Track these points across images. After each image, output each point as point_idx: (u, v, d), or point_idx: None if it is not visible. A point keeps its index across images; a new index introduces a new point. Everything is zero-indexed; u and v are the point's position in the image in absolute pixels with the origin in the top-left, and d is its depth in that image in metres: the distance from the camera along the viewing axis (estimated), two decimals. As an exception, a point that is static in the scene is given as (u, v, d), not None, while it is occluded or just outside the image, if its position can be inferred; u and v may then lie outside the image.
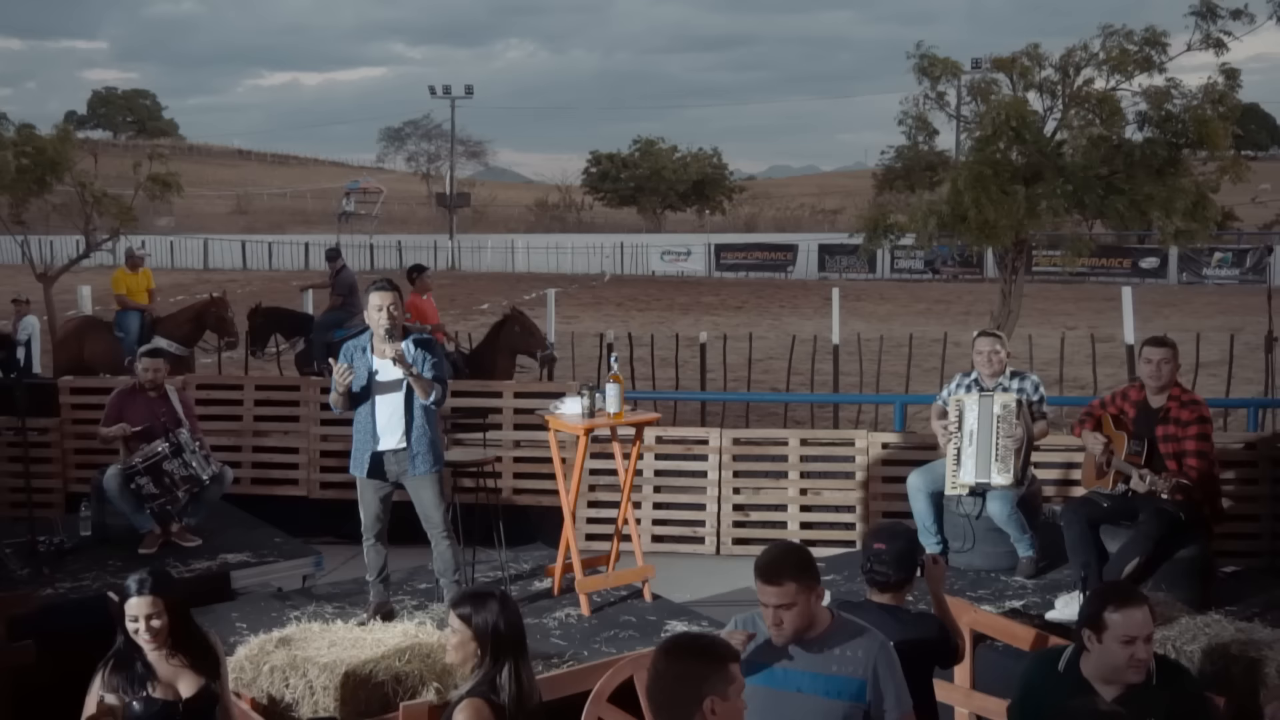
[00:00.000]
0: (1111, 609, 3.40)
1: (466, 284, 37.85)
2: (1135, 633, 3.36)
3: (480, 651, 3.53)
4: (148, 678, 3.74)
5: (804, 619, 3.42)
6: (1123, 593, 3.50)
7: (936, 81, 11.70)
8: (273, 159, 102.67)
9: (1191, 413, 5.64)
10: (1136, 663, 3.37)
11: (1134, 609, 3.38)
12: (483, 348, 11.83)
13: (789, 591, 3.38)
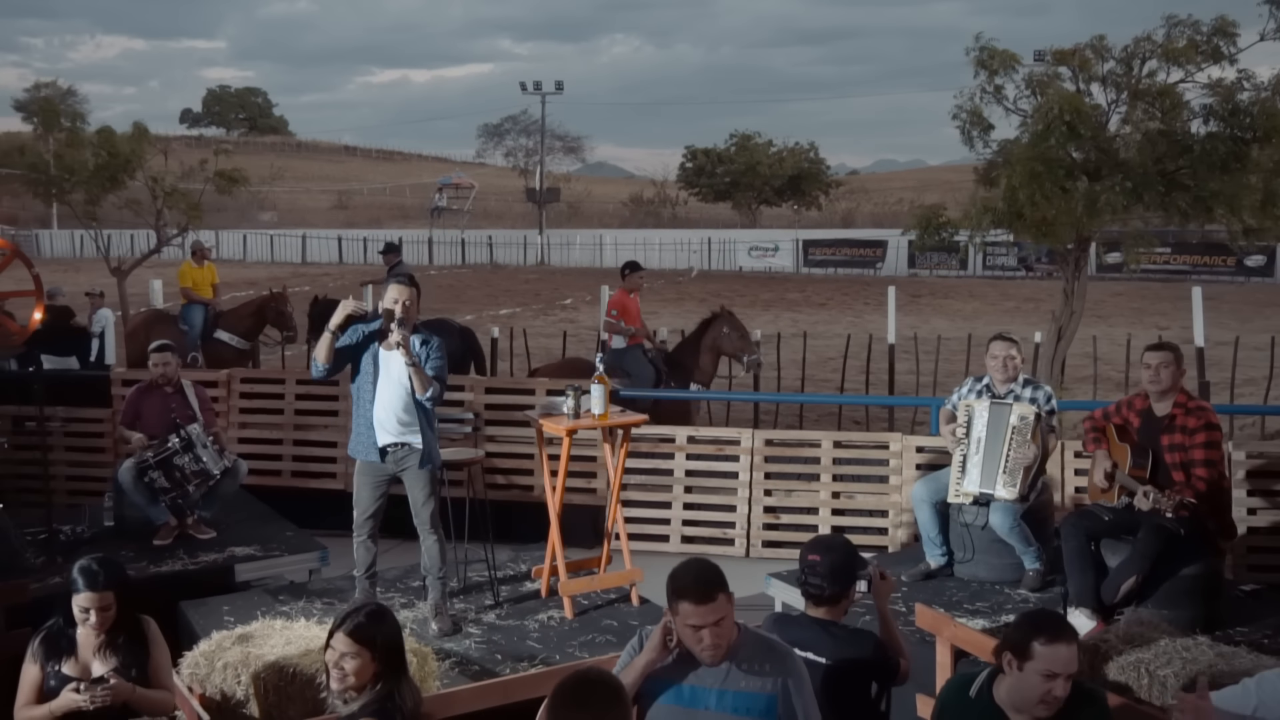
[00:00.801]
0: (1041, 641, 3.23)
1: (554, 279, 38.09)
2: (1058, 669, 3.21)
3: (379, 670, 3.51)
4: (68, 654, 3.86)
5: (729, 634, 3.31)
6: (1054, 626, 3.32)
7: (994, 75, 11.34)
8: (377, 155, 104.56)
9: (1198, 420, 5.37)
10: (1051, 699, 3.22)
11: (1062, 645, 3.23)
12: (686, 346, 11.25)
13: (721, 606, 3.28)
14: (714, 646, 3.30)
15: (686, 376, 10.76)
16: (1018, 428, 5.88)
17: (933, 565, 6.26)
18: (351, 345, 5.70)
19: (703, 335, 11.00)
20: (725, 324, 10.88)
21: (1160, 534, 5.22)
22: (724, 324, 10.88)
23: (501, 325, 23.32)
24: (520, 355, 14.84)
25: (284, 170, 74.76)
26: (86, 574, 3.95)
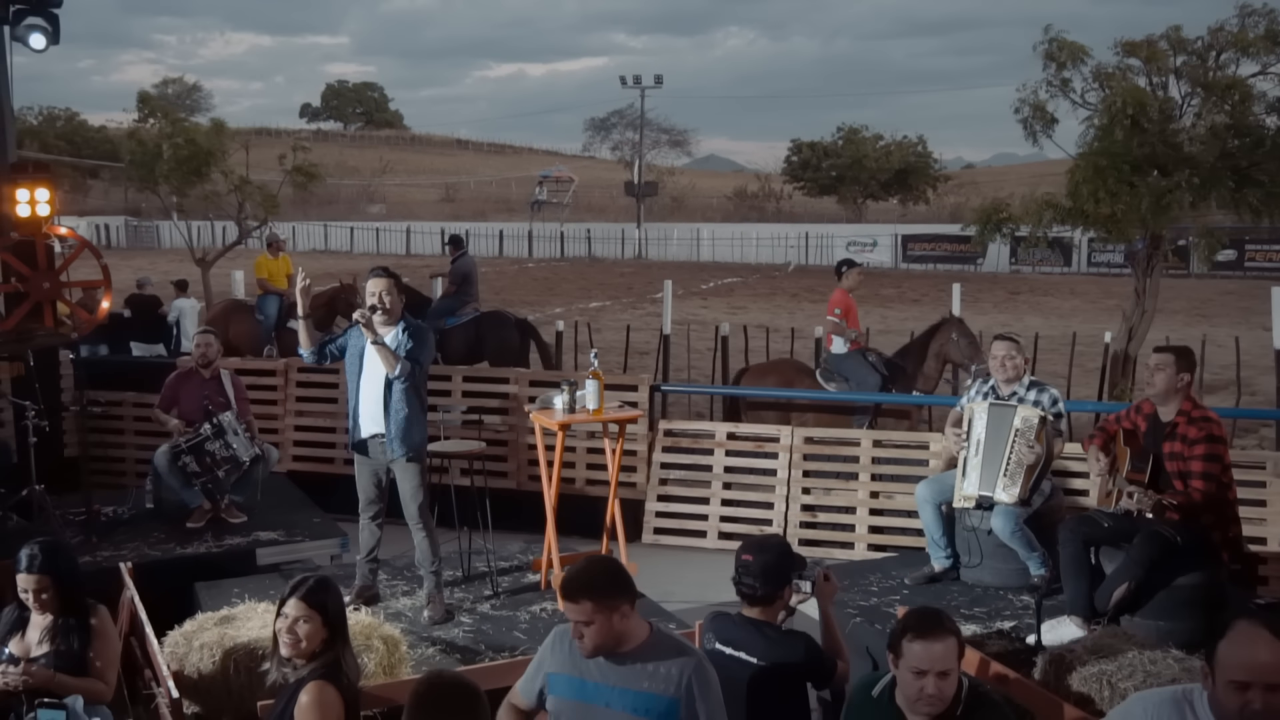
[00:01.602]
0: (910, 637, 3.20)
1: (649, 272, 38.18)
2: (925, 666, 3.15)
3: (329, 636, 3.62)
4: (15, 633, 4.03)
5: (603, 636, 3.32)
6: (925, 622, 3.26)
7: (1062, 67, 11.06)
8: (489, 148, 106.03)
9: (1200, 430, 5.18)
10: (925, 697, 3.16)
11: (930, 641, 3.16)
12: (910, 352, 10.66)
13: (585, 610, 3.31)
14: (578, 639, 3.35)
15: (909, 384, 10.11)
16: (1021, 430, 5.75)
17: (937, 568, 6.16)
18: (345, 344, 5.87)
19: (929, 341, 10.40)
20: (954, 330, 10.26)
21: (1155, 541, 5.06)
22: (952, 330, 10.26)
23: (590, 318, 23.57)
24: (584, 348, 14.90)
25: (394, 164, 76.38)
26: (26, 556, 4.12)
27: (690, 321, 21.18)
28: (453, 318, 13.23)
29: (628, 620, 3.36)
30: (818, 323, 21.54)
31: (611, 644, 3.34)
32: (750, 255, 42.89)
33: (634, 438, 9.40)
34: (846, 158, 60.30)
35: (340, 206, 61.47)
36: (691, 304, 28.65)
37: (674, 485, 9.33)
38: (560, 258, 45.46)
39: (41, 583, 4.08)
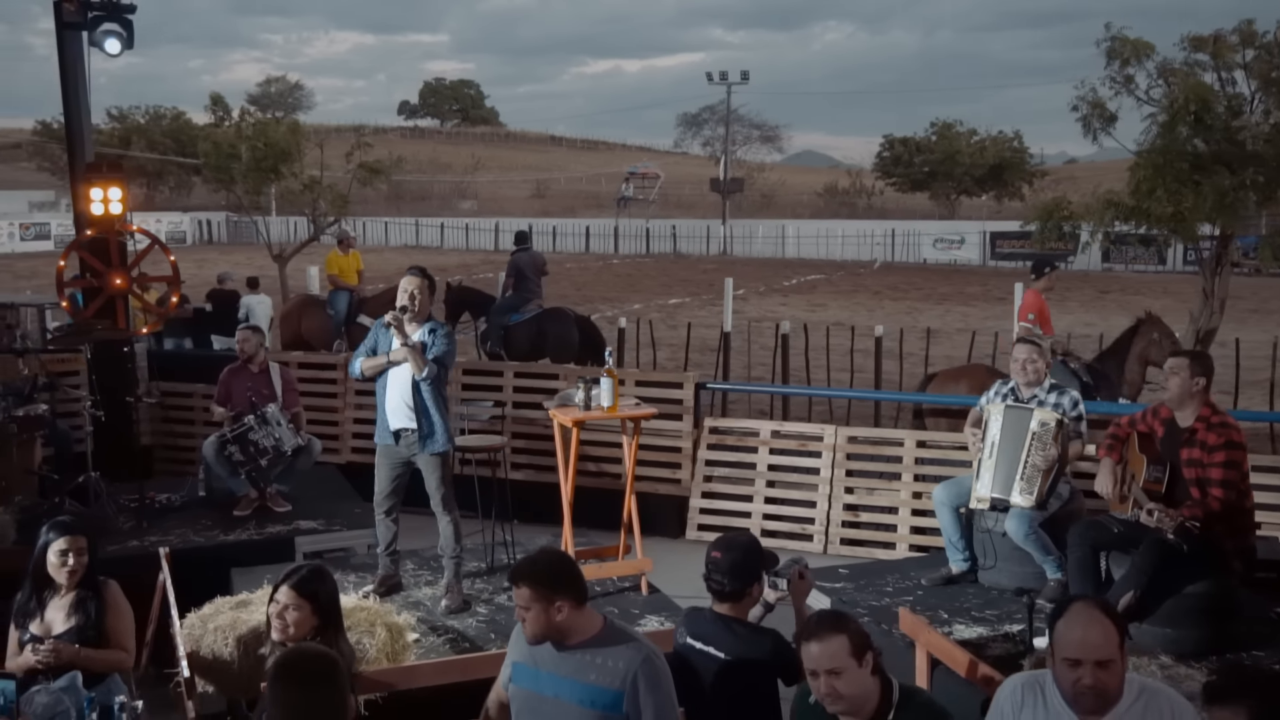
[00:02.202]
0: (806, 638, 3.26)
1: (732, 269, 38.12)
2: (813, 665, 3.21)
3: (319, 624, 3.79)
4: (34, 616, 4.26)
5: (540, 625, 3.40)
6: (819, 623, 3.31)
7: (1125, 64, 10.86)
8: (582, 144, 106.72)
9: (1219, 437, 5.10)
10: (824, 696, 3.21)
11: (816, 642, 3.21)
12: (1110, 356, 10.08)
13: (524, 596, 3.40)
14: (521, 622, 3.46)
15: (1113, 391, 9.60)
16: (1038, 434, 5.71)
17: (954, 570, 6.15)
18: (375, 346, 6.07)
19: (1130, 344, 9.84)
20: (1155, 330, 9.72)
21: (1160, 550, 5.00)
22: (1153, 330, 9.73)
23: (667, 314, 23.69)
24: (646, 345, 15.03)
25: (487, 160, 77.31)
26: (59, 525, 4.36)
27: (767, 318, 21.15)
28: (516, 314, 13.44)
29: (565, 615, 3.41)
30: (897, 320, 21.46)
31: (553, 634, 3.43)
32: (835, 252, 42.59)
33: (678, 435, 9.50)
34: (939, 153, 59.44)
35: (433, 203, 62.49)
36: (771, 301, 28.61)
37: (718, 482, 9.40)
38: (645, 254, 45.65)
39: (79, 542, 4.32)
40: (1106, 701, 3.03)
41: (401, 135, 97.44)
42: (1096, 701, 3.02)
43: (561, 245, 47.57)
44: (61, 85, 10.12)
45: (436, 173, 68.29)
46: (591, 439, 9.55)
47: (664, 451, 9.55)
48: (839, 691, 3.18)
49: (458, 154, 76.30)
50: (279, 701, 2.73)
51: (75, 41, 10.01)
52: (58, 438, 7.67)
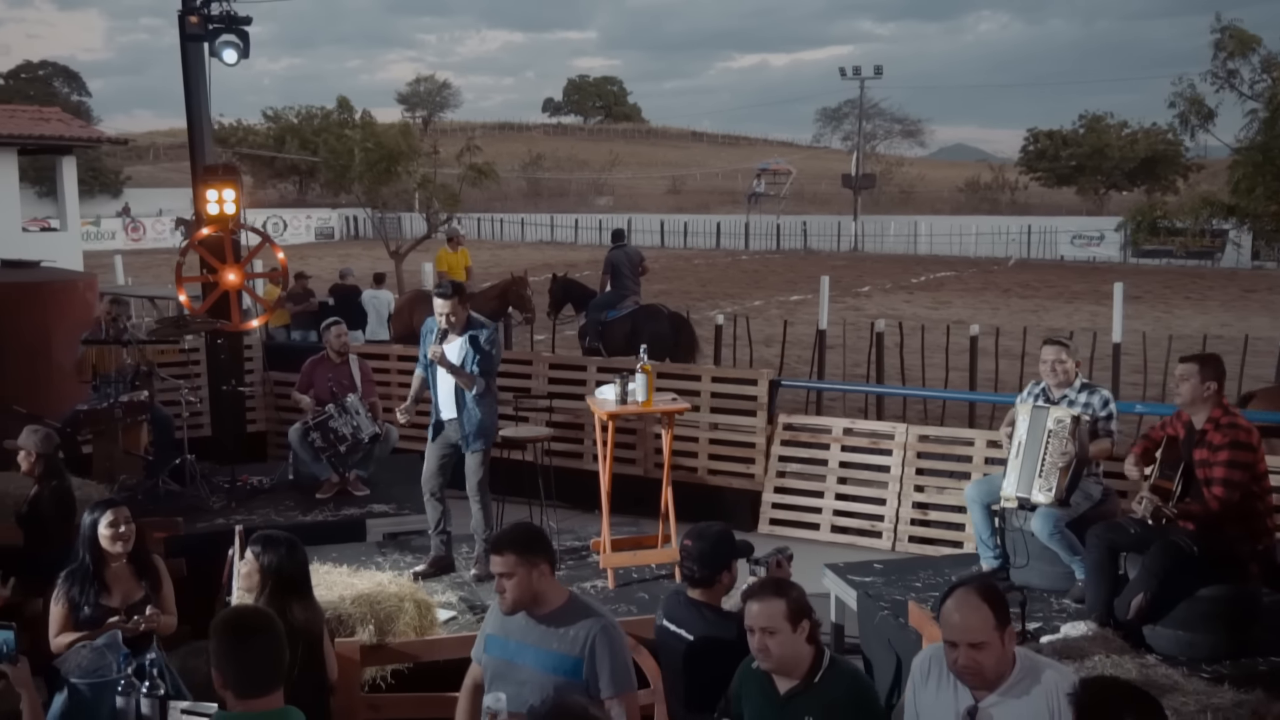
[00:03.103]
0: (749, 598, 3.53)
1: (861, 266, 37.89)
2: (751, 622, 3.47)
3: (262, 584, 4.17)
4: (98, 589, 4.69)
5: (521, 590, 3.72)
6: (764, 587, 3.57)
7: (1229, 58, 10.59)
8: (723, 140, 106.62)
9: (1224, 437, 5.11)
10: (755, 651, 3.46)
11: (757, 602, 3.48)
12: None
13: (509, 562, 3.71)
14: (500, 594, 3.76)
15: None
16: (1054, 431, 5.76)
17: (985, 568, 6.22)
18: None
19: None
20: None
21: (1170, 551, 5.02)
22: None
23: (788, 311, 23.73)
24: (743, 342, 15.17)
25: (626, 157, 78.03)
26: (102, 503, 4.80)
27: (886, 315, 21.02)
28: (613, 311, 13.75)
29: (545, 580, 3.75)
30: (1022, 319, 21.08)
31: (529, 601, 3.74)
32: (969, 249, 41.81)
33: (752, 430, 9.69)
34: (1087, 146, 57.63)
35: (570, 199, 63.48)
36: (895, 298, 28.36)
37: (791, 478, 9.56)
38: (775, 250, 45.58)
39: (124, 513, 4.75)
40: (985, 679, 3.22)
41: (544, 132, 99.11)
42: (973, 680, 3.22)
43: (693, 242, 47.85)
44: (185, 93, 10.86)
45: (574, 169, 69.29)
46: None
47: (738, 447, 9.74)
48: (770, 650, 3.43)
49: (597, 150, 77.23)
50: (214, 650, 3.10)
51: (197, 52, 10.70)
52: (160, 422, 8.28)
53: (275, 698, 3.11)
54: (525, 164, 68.26)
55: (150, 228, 47.03)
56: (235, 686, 3.06)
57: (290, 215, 51.39)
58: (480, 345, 6.37)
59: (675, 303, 24.43)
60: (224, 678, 3.08)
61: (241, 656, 3.07)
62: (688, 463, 9.82)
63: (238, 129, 52.09)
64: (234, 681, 3.07)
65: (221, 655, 3.09)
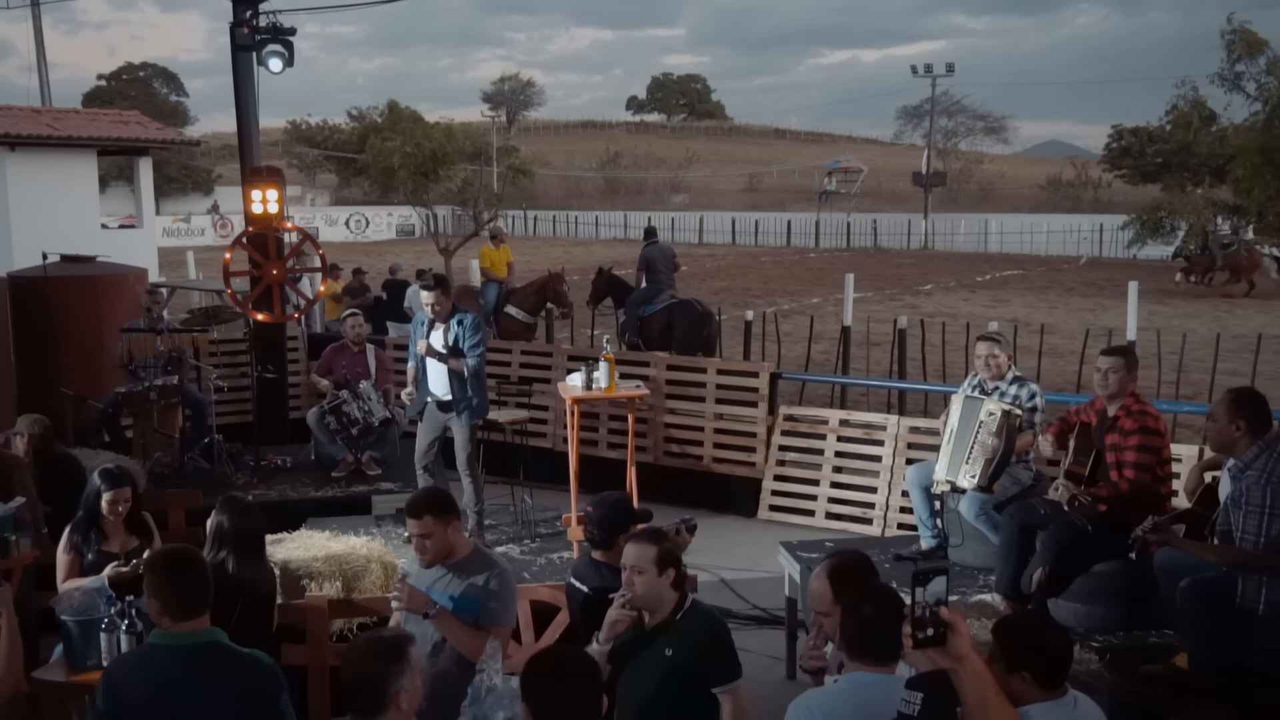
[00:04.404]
0: (628, 541, 4.02)
1: (929, 264, 37.87)
2: (624, 561, 3.97)
3: (209, 540, 4.78)
4: (102, 540, 5.36)
5: (440, 545, 4.31)
6: (642, 533, 4.07)
7: (1236, 60, 10.77)
8: (805, 137, 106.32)
9: (1135, 422, 5.46)
10: (625, 587, 3.94)
11: (632, 544, 3.98)
12: None
13: (428, 524, 4.29)
14: (421, 553, 4.33)
15: None
16: (985, 422, 6.14)
17: (924, 547, 6.64)
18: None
19: None
20: None
21: (1065, 529, 5.40)
22: None
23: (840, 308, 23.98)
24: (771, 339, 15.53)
25: (706, 154, 78.37)
26: (109, 476, 5.45)
27: (941, 314, 21.20)
28: (650, 305, 14.26)
29: (456, 534, 4.35)
30: (1080, 318, 21.11)
31: (446, 552, 4.33)
32: (1040, 248, 41.49)
33: (754, 420, 10.14)
34: (1174, 143, 56.52)
35: (646, 196, 64.09)
36: (954, 296, 28.39)
37: (790, 466, 10.00)
38: (845, 249, 45.66)
39: (125, 494, 5.41)
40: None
41: (627, 130, 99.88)
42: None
43: (764, 239, 48.13)
44: (235, 99, 11.61)
45: (651, 167, 69.90)
46: (675, 422, 10.35)
47: (741, 436, 10.21)
48: (636, 588, 3.92)
49: (676, 148, 77.75)
50: (149, 584, 3.67)
51: (246, 61, 11.45)
52: (194, 406, 9.01)
53: (203, 620, 3.68)
54: (603, 162, 69.04)
55: (237, 224, 48.66)
56: (169, 611, 3.63)
57: (372, 213, 52.73)
58: (466, 329, 6.95)
59: (736, 299, 24.92)
60: (160, 605, 3.66)
61: (172, 587, 3.63)
62: (694, 451, 10.32)
63: (323, 128, 53.56)
64: (168, 608, 3.64)
65: (156, 587, 3.66)
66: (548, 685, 3.00)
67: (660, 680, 3.92)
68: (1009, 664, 3.24)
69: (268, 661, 3.56)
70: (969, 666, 2.89)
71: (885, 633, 3.22)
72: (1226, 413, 4.82)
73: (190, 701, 3.42)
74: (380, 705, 3.16)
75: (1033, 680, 3.23)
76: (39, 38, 27.45)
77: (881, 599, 3.38)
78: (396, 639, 3.34)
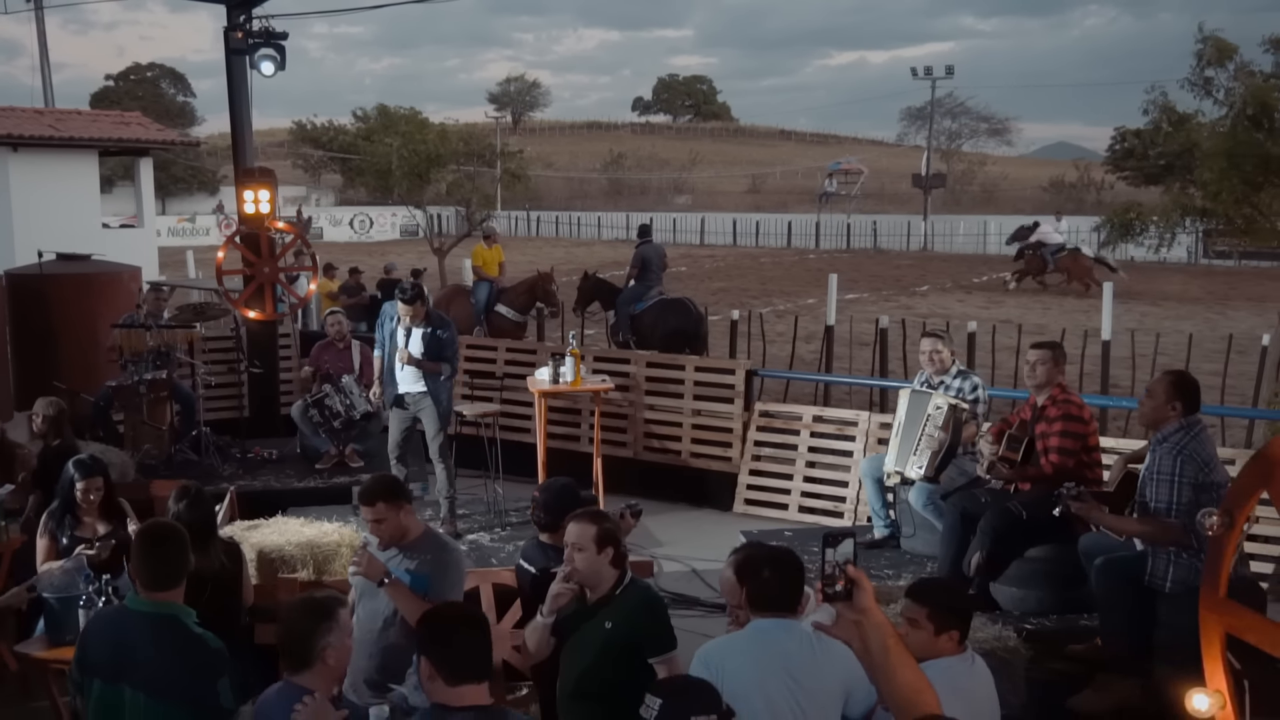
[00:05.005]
0: (570, 520, 4.23)
1: (927, 265, 38.06)
2: (566, 539, 4.19)
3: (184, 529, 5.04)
4: (75, 525, 5.63)
5: (393, 529, 4.58)
6: (584, 512, 4.27)
7: (1206, 66, 11.00)
8: (811, 138, 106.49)
9: (1059, 410, 5.76)
10: (565, 562, 4.18)
11: (574, 522, 4.19)
12: None
13: (381, 510, 4.56)
14: (380, 539, 4.57)
15: None
16: (932, 415, 6.41)
17: (877, 536, 6.90)
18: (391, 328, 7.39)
19: None
20: None
21: (1001, 515, 5.67)
22: None
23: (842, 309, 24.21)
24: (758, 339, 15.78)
25: (710, 155, 78.61)
26: (82, 466, 5.72)
27: (935, 314, 21.45)
28: (640, 303, 14.52)
29: (409, 517, 4.62)
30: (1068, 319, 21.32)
31: (399, 536, 4.60)
32: (1039, 249, 41.60)
33: (730, 416, 10.40)
34: (1175, 145, 56.63)
35: (650, 197, 64.35)
36: (949, 298, 28.63)
37: (766, 461, 10.24)
38: (845, 250, 45.88)
39: (97, 482, 5.67)
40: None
41: (632, 131, 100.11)
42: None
43: (764, 240, 48.35)
44: (229, 101, 11.89)
45: (655, 168, 70.15)
46: (654, 418, 10.60)
47: (718, 432, 10.46)
48: (576, 565, 4.17)
49: (681, 149, 78.01)
50: (133, 553, 3.96)
51: (240, 65, 11.73)
52: (184, 399, 9.29)
53: (174, 595, 3.94)
54: (607, 163, 69.32)
55: (241, 224, 48.98)
56: (141, 581, 3.91)
57: (376, 213, 53.05)
58: (439, 336, 7.24)
59: (733, 299, 25.13)
60: (136, 574, 3.94)
61: (144, 559, 3.91)
62: (673, 446, 10.56)
63: (328, 128, 53.87)
64: (139, 577, 3.91)
65: (137, 557, 3.95)
66: (440, 636, 3.24)
67: (600, 651, 4.17)
68: (940, 625, 3.53)
69: (215, 644, 3.80)
70: (873, 619, 3.15)
71: (783, 588, 3.53)
72: (1165, 391, 5.13)
73: (137, 660, 3.70)
74: (307, 659, 3.43)
75: (958, 640, 3.52)
76: (42, 39, 27.82)
77: (779, 561, 3.65)
78: (327, 600, 3.61)
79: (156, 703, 3.68)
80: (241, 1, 11.61)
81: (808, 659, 3.50)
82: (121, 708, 3.72)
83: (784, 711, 3.40)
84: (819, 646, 3.55)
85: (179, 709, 3.68)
